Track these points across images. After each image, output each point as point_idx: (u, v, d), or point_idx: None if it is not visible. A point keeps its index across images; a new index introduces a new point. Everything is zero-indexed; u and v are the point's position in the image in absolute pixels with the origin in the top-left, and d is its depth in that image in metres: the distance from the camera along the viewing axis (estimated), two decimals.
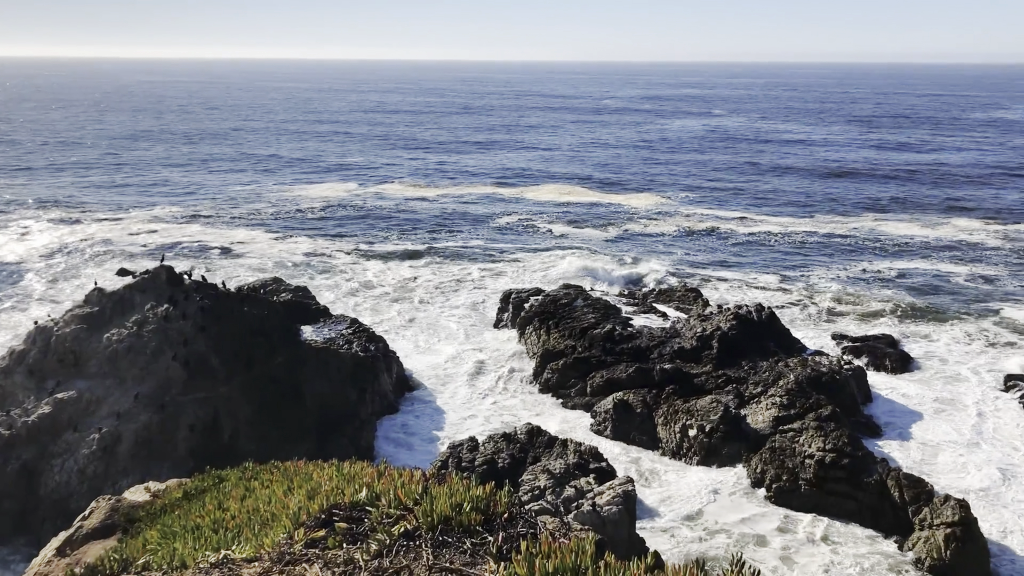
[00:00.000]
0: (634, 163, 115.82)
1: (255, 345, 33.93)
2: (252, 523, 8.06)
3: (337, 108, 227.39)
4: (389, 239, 69.49)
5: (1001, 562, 25.53)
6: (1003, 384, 38.91)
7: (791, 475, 29.61)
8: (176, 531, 9.75)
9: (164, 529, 10.40)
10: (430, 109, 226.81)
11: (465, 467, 28.56)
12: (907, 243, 67.95)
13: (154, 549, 9.11)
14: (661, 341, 40.10)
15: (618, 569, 4.24)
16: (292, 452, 24.37)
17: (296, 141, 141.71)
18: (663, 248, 66.69)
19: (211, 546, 7.35)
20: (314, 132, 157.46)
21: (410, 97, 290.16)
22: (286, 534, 6.30)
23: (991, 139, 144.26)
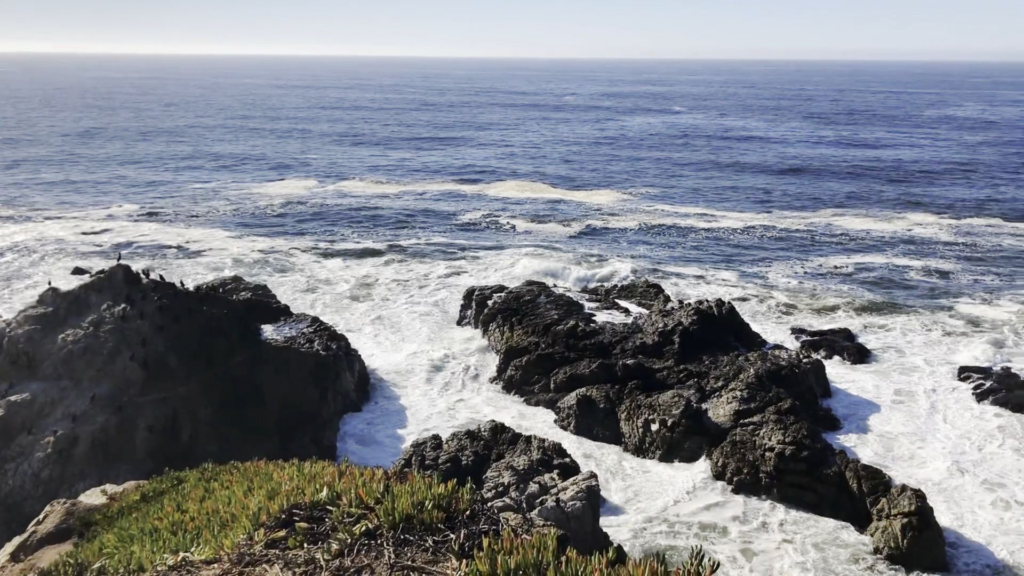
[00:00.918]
0: (595, 160, 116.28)
1: (215, 344, 33.53)
2: (211, 524, 7.95)
3: (296, 104, 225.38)
4: (350, 236, 69.05)
5: (957, 550, 26.05)
6: (957, 375, 39.70)
7: (752, 468, 29.95)
8: (133, 534, 9.59)
9: (121, 532, 10.22)
10: (390, 106, 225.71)
11: (429, 465, 28.49)
12: (863, 238, 69.03)
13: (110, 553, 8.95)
14: (623, 337, 40.32)
15: (579, 564, 4.24)
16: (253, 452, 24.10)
17: (255, 138, 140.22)
18: (625, 244, 67.05)
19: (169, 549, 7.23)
20: (273, 129, 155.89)
21: (370, 93, 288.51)
22: (246, 535, 6.21)
23: (943, 136, 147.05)
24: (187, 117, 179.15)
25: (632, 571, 4.05)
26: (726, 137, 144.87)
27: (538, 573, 4.26)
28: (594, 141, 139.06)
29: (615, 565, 4.22)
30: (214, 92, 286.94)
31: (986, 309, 50.14)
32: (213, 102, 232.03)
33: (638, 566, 4.07)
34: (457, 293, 51.29)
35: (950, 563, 25.38)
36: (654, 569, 4.01)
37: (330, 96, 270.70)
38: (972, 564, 25.33)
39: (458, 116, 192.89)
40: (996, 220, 76.45)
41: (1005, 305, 50.85)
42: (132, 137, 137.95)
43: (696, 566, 3.96)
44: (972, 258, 62.53)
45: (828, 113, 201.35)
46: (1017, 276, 57.49)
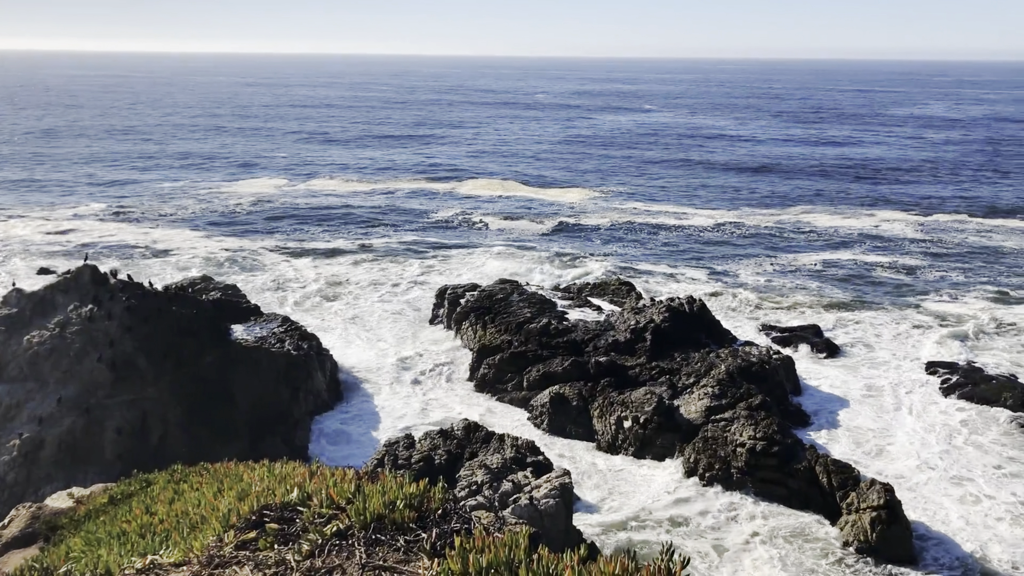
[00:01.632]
0: (567, 158, 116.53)
1: (184, 345, 33.19)
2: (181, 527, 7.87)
3: (265, 102, 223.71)
4: (321, 235, 68.67)
5: (926, 543, 26.40)
6: (924, 370, 40.24)
7: (723, 464, 30.16)
8: (101, 538, 9.46)
9: (88, 536, 10.08)
10: (360, 104, 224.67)
11: (402, 465, 28.40)
12: (832, 235, 69.77)
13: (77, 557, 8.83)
14: (596, 334, 40.45)
15: (551, 562, 4.25)
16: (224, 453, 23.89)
17: (223, 136, 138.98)
18: (597, 242, 67.25)
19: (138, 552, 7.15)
20: (241, 127, 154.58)
21: (339, 91, 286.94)
22: (216, 537, 6.16)
23: (911, 134, 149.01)
24: (154, 115, 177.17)
25: (603, 568, 4.07)
26: (696, 135, 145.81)
27: (510, 571, 4.26)
28: (565, 139, 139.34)
29: (586, 562, 4.23)
30: (181, 90, 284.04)
31: (952, 304, 50.88)
32: (180, 100, 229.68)
33: (609, 563, 4.08)
34: (429, 292, 51.17)
35: (918, 556, 25.72)
36: (625, 565, 4.02)
37: (299, 94, 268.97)
38: (941, 557, 25.68)
39: (428, 114, 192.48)
40: (962, 216, 77.66)
41: (971, 300, 51.63)
42: (98, 135, 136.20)
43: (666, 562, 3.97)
44: (938, 254, 63.42)
45: (796, 111, 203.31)
46: (982, 271, 58.39)
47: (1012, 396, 35.95)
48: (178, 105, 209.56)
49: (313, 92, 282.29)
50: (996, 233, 70.77)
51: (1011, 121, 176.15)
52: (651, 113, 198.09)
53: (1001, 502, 28.68)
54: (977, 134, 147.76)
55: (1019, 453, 32.34)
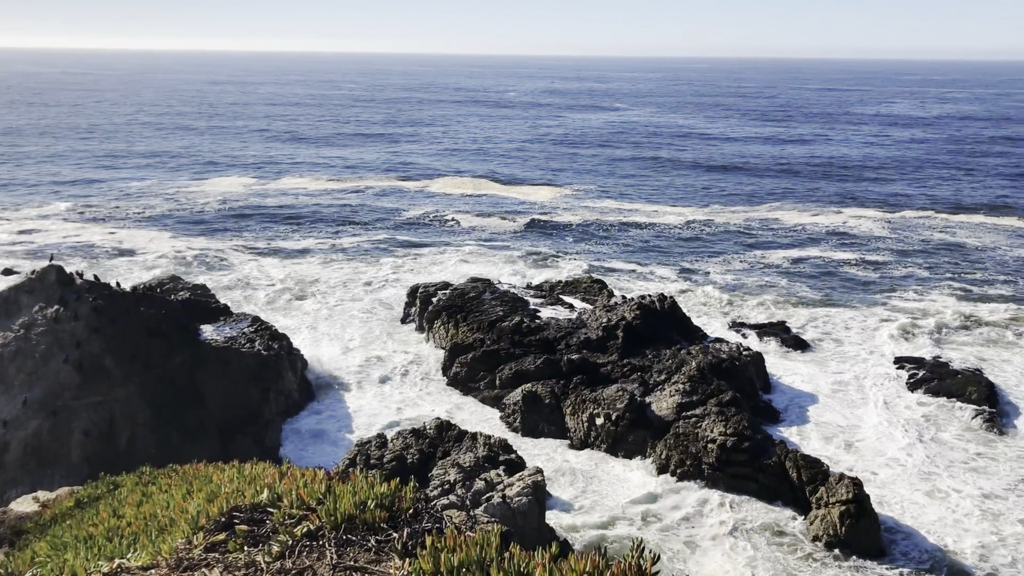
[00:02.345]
0: (538, 156, 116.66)
1: (153, 346, 32.84)
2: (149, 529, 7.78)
3: (232, 100, 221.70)
4: (291, 234, 68.22)
5: (894, 536, 26.75)
6: (892, 365, 40.77)
7: (695, 459, 30.37)
8: (67, 542, 9.33)
9: (54, 540, 9.94)
10: (329, 102, 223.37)
11: (374, 464, 28.30)
12: (800, 233, 70.47)
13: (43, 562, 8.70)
14: (568, 332, 40.53)
15: (522, 560, 4.25)
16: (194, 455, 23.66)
17: (191, 135, 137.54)
18: (569, 240, 67.40)
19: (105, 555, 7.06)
20: (209, 126, 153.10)
21: (308, 90, 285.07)
22: (185, 539, 6.10)
23: (877, 132, 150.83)
24: (121, 114, 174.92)
25: (574, 565, 4.07)
26: (666, 134, 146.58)
27: (481, 570, 4.26)
28: (536, 138, 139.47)
29: (558, 560, 4.24)
30: (148, 87, 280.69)
31: (919, 300, 51.58)
32: (147, 98, 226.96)
33: (580, 560, 4.09)
34: (401, 291, 51.01)
35: (887, 549, 26.05)
36: (595, 562, 4.03)
37: (267, 92, 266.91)
38: (909, 551, 26.02)
39: (399, 112, 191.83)
40: (928, 212, 78.80)
41: (937, 296, 52.37)
42: (63, 134, 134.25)
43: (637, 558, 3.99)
44: (905, 251, 64.26)
45: (765, 109, 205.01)
46: (948, 268, 59.24)
47: (977, 390, 36.50)
48: (145, 103, 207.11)
49: (281, 90, 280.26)
50: (961, 229, 71.85)
51: (975, 119, 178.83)
52: (622, 112, 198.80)
53: (967, 496, 29.12)
54: (942, 132, 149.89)
55: (985, 448, 32.87)
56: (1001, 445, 32.99)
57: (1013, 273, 57.70)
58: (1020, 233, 70.81)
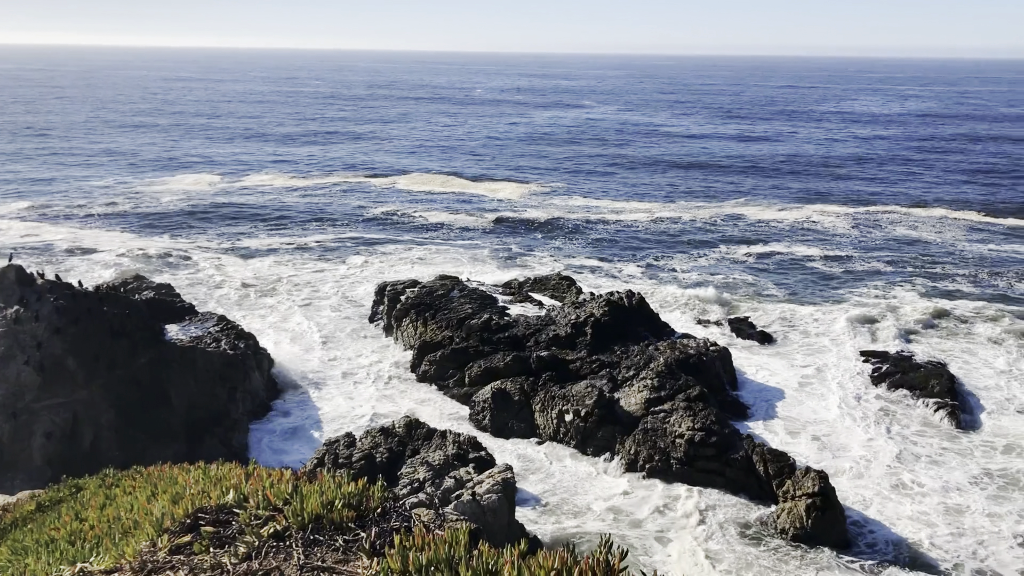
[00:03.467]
0: (506, 154, 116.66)
1: (116, 346, 32.39)
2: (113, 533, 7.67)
3: (197, 98, 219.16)
4: (257, 232, 67.62)
5: (861, 529, 27.10)
6: (857, 360, 41.30)
7: (663, 455, 30.56)
8: (28, 546, 9.17)
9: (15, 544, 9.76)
10: (295, 99, 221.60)
11: (342, 464, 28.13)
12: (766, 228, 71.18)
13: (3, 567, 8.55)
14: (537, 329, 40.59)
15: (491, 557, 4.24)
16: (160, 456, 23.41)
17: (154, 132, 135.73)
18: (537, 237, 67.50)
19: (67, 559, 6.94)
20: (174, 123, 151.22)
21: (274, 87, 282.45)
22: (149, 542, 6.01)
23: (841, 129, 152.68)
24: (82, 111, 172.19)
25: (542, 562, 4.07)
26: (633, 131, 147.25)
27: (450, 568, 4.24)
28: (504, 135, 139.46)
29: (526, 557, 4.24)
30: (110, 85, 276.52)
31: (883, 295, 52.32)
32: (109, 95, 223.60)
33: (548, 557, 4.09)
34: (368, 289, 50.78)
35: (853, 541, 26.39)
36: (563, 559, 4.03)
37: (232, 89, 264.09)
38: (875, 543, 26.36)
39: (365, 109, 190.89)
40: (891, 208, 79.98)
41: (900, 291, 53.16)
42: (20, 131, 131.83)
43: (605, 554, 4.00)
44: (869, 246, 65.14)
45: (730, 107, 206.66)
46: (911, 262, 60.14)
47: (939, 383, 37.08)
48: (106, 100, 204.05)
49: (247, 87, 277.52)
50: (923, 224, 72.98)
51: (936, 116, 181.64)
52: (588, 109, 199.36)
53: (931, 489, 29.58)
54: (904, 130, 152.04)
55: (947, 440, 33.42)
56: (964, 438, 33.55)
57: (973, 267, 58.71)
58: (979, 228, 72.08)
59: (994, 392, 37.88)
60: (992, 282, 55.19)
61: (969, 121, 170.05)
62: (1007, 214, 77.44)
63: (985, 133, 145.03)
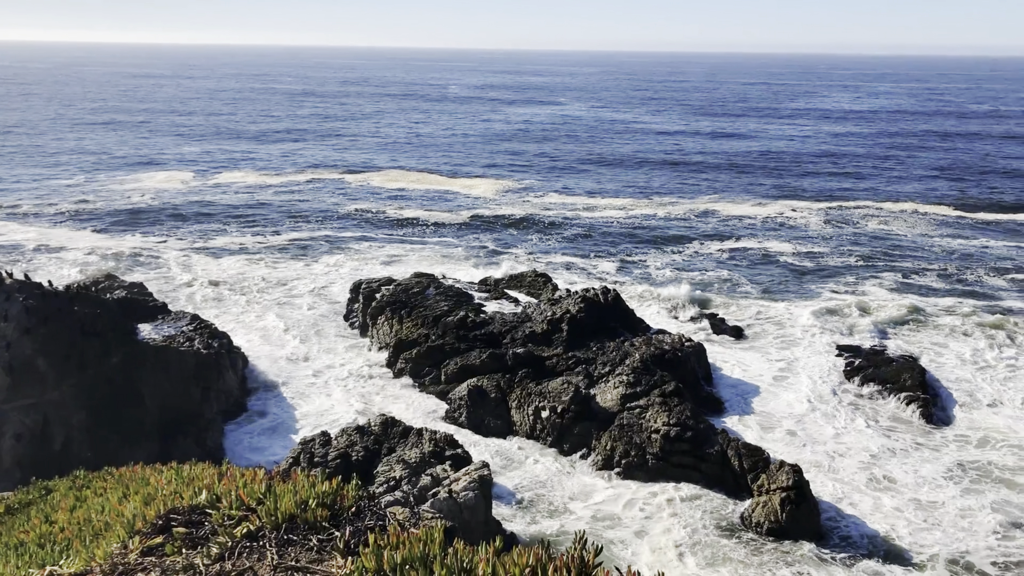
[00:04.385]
0: (481, 150, 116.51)
1: (88, 346, 32.00)
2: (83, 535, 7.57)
3: (169, 95, 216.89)
4: (230, 230, 67.06)
5: (837, 523, 27.34)
6: (830, 354, 41.67)
7: (639, 450, 30.67)
8: None
9: None
10: (268, 96, 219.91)
11: (318, 463, 27.99)
12: (740, 224, 71.59)
13: None
14: (513, 326, 40.58)
15: (466, 555, 4.22)
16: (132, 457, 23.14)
17: (124, 130, 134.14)
18: (513, 234, 67.48)
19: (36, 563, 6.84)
20: (144, 120, 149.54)
21: (246, 84, 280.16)
22: (120, 544, 5.94)
23: (812, 126, 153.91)
24: (49, 108, 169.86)
25: (517, 559, 4.06)
26: (607, 128, 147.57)
27: (425, 566, 4.22)
28: (479, 132, 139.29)
29: (501, 554, 4.22)
30: (79, 81, 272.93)
31: (855, 289, 52.82)
32: (78, 92, 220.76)
33: (523, 554, 4.08)
34: (343, 286, 50.53)
35: (827, 535, 26.61)
36: (538, 556, 4.03)
37: (204, 86, 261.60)
38: (849, 536, 26.58)
39: (339, 106, 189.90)
40: (863, 203, 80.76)
41: (872, 284, 53.68)
42: None
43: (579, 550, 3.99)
44: (842, 241, 65.72)
45: (703, 104, 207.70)
46: (884, 257, 60.75)
47: (911, 377, 37.50)
48: (75, 97, 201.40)
49: (219, 84, 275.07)
50: (895, 220, 73.72)
51: (907, 113, 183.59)
52: (562, 106, 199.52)
53: (904, 483, 29.91)
54: (875, 126, 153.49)
55: (919, 434, 33.81)
56: (935, 432, 33.95)
57: (944, 262, 59.41)
58: (950, 222, 72.93)
59: (965, 385, 38.37)
60: (962, 276, 55.88)
61: (940, 118, 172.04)
62: (976, 209, 78.49)
63: (953, 130, 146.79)
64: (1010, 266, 58.43)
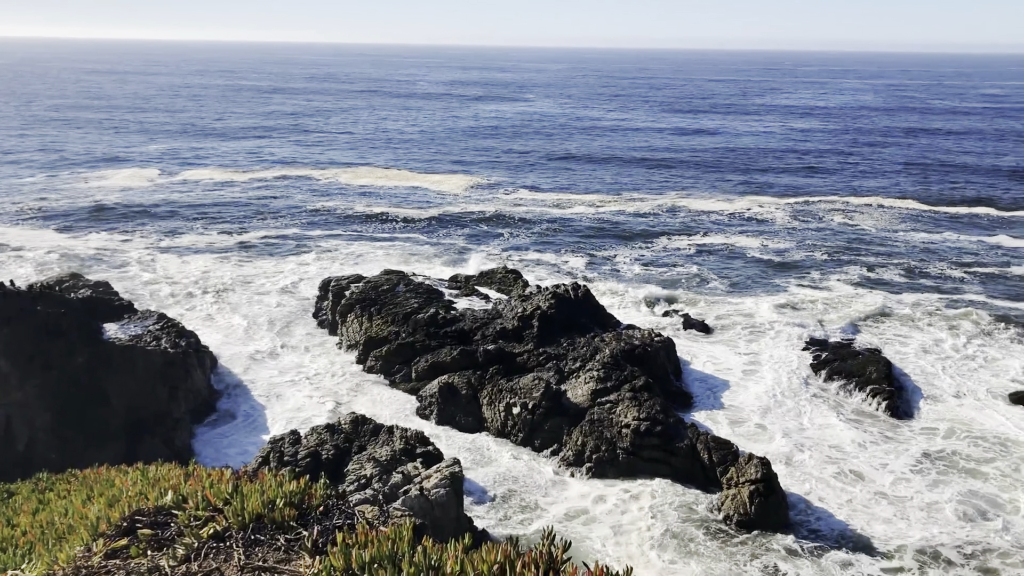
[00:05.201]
0: (450, 147, 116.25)
1: (52, 346, 31.52)
2: (46, 538, 7.45)
3: (134, 91, 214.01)
4: (197, 228, 66.33)
5: (804, 516, 27.62)
6: (797, 348, 42.09)
7: (610, 445, 30.79)
8: None
9: None
10: (234, 93, 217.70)
11: (288, 462, 27.79)
12: (707, 220, 72.08)
13: None
14: (484, 323, 40.55)
15: (435, 552, 4.21)
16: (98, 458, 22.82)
17: (88, 127, 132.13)
18: (483, 230, 67.40)
19: None
20: (109, 118, 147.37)
21: (212, 80, 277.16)
22: (84, 547, 5.85)
23: (779, 122, 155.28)
24: (9, 105, 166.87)
25: (485, 556, 4.05)
26: (575, 124, 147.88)
27: (393, 564, 4.20)
28: (449, 128, 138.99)
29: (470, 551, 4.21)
30: (40, 78, 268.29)
31: (822, 283, 53.40)
32: (39, 88, 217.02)
33: (491, 550, 4.08)
34: (312, 284, 50.19)
35: (796, 527, 26.88)
36: (506, 552, 4.02)
37: (169, 83, 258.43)
38: (818, 529, 26.83)
39: (307, 103, 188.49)
40: (830, 198, 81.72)
41: (839, 278, 54.29)
42: None
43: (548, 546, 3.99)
44: (808, 236, 66.37)
45: (670, 100, 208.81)
46: (849, 251, 61.45)
47: (877, 370, 37.98)
48: (36, 94, 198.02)
49: (184, 80, 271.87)
50: (860, 214, 74.62)
51: (871, 109, 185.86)
52: (531, 102, 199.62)
53: (871, 474, 30.30)
54: (841, 122, 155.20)
55: (886, 426, 34.26)
56: (902, 424, 34.43)
57: (908, 255, 60.24)
58: (913, 216, 73.93)
59: (930, 377, 38.95)
60: (925, 269, 56.70)
61: (904, 113, 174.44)
62: (939, 203, 79.69)
63: (916, 125, 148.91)
64: (971, 260, 59.39)
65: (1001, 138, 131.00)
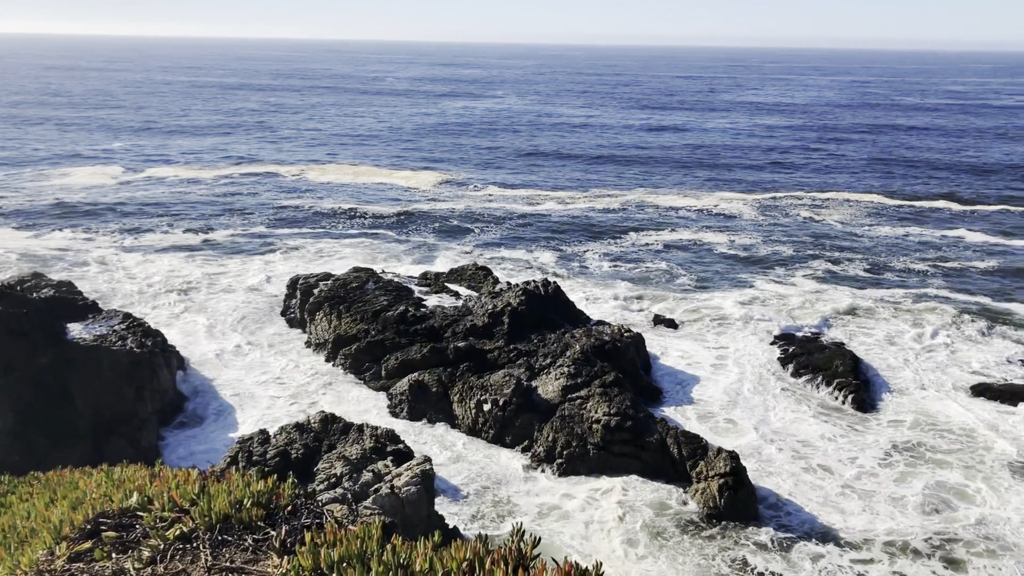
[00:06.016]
0: (419, 144, 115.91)
1: (14, 346, 31.00)
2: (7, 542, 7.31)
3: (96, 88, 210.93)
4: (162, 227, 65.53)
5: (774, 510, 27.89)
6: (765, 343, 42.49)
7: (580, 441, 30.89)
8: None
9: None
10: (200, 89, 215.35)
11: (256, 461, 27.57)
12: (675, 216, 72.53)
13: None
14: (454, 320, 40.50)
15: (404, 550, 4.19)
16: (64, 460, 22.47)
17: (48, 125, 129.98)
18: (453, 226, 67.29)
19: None
20: (70, 114, 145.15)
21: (176, 76, 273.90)
22: (47, 550, 5.75)
23: (745, 118, 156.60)
24: None
25: (455, 553, 4.04)
26: (545, 121, 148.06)
27: (362, 563, 4.17)
28: (418, 125, 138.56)
29: (439, 549, 4.19)
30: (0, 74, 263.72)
31: (789, 278, 53.94)
32: None
33: (460, 548, 4.06)
34: (280, 282, 49.80)
35: (765, 521, 27.11)
36: (476, 549, 4.01)
37: (132, 79, 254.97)
38: (788, 523, 27.01)
39: (274, 99, 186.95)
40: (796, 194, 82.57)
41: (805, 273, 54.88)
42: None
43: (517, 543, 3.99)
44: (775, 231, 67.03)
45: (638, 97, 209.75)
46: (816, 246, 62.13)
47: (843, 364, 38.44)
48: None
49: (148, 76, 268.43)
50: (826, 210, 75.47)
51: (836, 105, 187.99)
52: (500, 99, 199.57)
53: (839, 467, 30.65)
54: (806, 119, 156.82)
55: (854, 420, 34.68)
56: (869, 417, 34.86)
57: (874, 250, 61.04)
58: (879, 212, 74.87)
59: (896, 370, 39.49)
60: (890, 264, 57.49)
61: (869, 110, 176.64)
62: (902, 197, 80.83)
63: (880, 121, 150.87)
64: (935, 254, 60.30)
65: (962, 134, 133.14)
